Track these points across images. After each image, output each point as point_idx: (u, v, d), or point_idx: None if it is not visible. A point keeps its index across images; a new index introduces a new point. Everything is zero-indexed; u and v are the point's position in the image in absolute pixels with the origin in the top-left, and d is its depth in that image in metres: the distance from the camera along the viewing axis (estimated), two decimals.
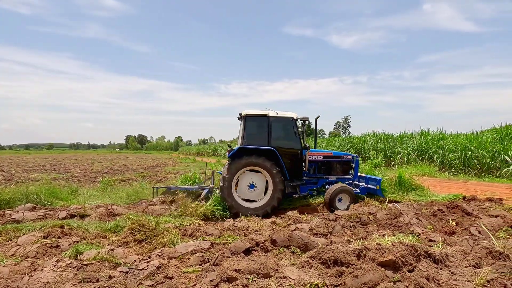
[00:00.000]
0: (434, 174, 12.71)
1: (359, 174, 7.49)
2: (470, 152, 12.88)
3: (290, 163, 6.54)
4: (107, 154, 56.22)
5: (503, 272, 2.60)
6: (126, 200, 7.01)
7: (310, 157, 6.83)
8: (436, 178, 11.63)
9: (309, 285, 2.49)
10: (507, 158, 11.69)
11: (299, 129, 6.75)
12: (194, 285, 2.61)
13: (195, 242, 3.59)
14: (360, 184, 7.17)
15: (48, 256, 3.51)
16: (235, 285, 2.51)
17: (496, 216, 4.45)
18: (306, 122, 6.90)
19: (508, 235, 3.79)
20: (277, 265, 2.91)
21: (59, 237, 4.07)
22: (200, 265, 3.08)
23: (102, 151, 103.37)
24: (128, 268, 2.84)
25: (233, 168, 6.13)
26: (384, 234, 3.72)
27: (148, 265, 2.88)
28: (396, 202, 6.14)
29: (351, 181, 7.23)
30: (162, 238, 3.91)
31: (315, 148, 7.00)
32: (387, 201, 6.24)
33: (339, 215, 4.90)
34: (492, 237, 3.48)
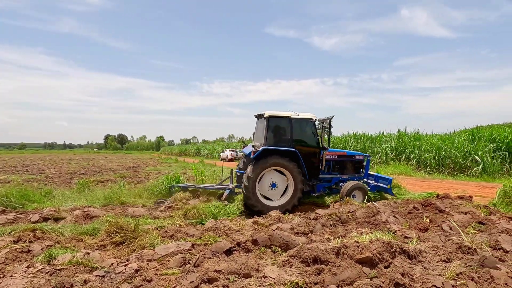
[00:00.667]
0: (410, 173, 13.21)
1: (369, 172, 7.84)
2: (443, 152, 13.51)
3: (309, 162, 6.77)
4: (84, 154, 54.19)
5: (470, 266, 2.74)
6: (104, 202, 6.80)
7: (326, 157, 7.07)
8: (412, 177, 12.10)
9: (289, 283, 2.52)
10: (477, 158, 12.37)
11: (317, 130, 7.01)
12: (174, 287, 2.57)
13: (175, 243, 3.53)
14: (370, 182, 7.48)
15: (18, 261, 3.33)
16: (215, 286, 2.50)
17: (466, 213, 4.68)
18: (326, 123, 7.04)
19: (476, 230, 4.00)
20: (258, 264, 2.92)
21: (30, 242, 3.88)
22: (181, 266, 3.04)
23: (79, 151, 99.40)
24: (104, 271, 2.75)
25: (259, 168, 6.27)
26: (362, 232, 3.83)
27: (126, 268, 2.80)
28: (375, 200, 6.35)
29: (361, 179, 7.48)
30: (141, 240, 3.82)
31: (329, 147, 7.27)
32: (365, 199, 6.42)
33: (319, 214, 4.99)
34: (461, 233, 3.67)
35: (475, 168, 12.07)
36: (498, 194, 5.77)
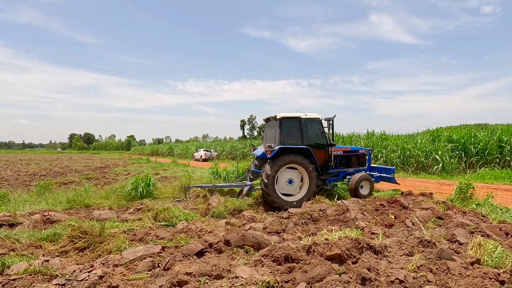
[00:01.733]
0: None
1: (371, 165, 8.63)
2: (407, 152, 14.34)
3: (320, 158, 7.32)
4: (46, 155, 50.69)
5: (430, 258, 2.93)
6: (67, 205, 6.39)
7: (334, 153, 7.74)
8: None
9: (260, 283, 2.52)
10: (437, 157, 13.27)
11: (324, 128, 7.58)
12: None
13: (144, 247, 3.41)
14: (374, 173, 8.19)
15: None
16: None
17: (426, 209, 4.99)
18: (331, 121, 7.57)
19: (435, 225, 4.28)
20: (230, 265, 2.90)
21: None
22: (149, 270, 2.94)
23: (40, 151, 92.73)
24: (65, 279, 2.58)
25: (276, 166, 6.64)
26: (332, 230, 3.94)
27: (89, 275, 2.65)
28: (345, 199, 6.58)
29: (365, 172, 8.06)
30: (107, 245, 3.64)
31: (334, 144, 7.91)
32: (336, 197, 6.63)
33: (292, 213, 5.07)
34: (422, 228, 3.91)
35: (435, 167, 12.95)
36: (454, 191, 6.22)
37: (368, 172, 8.14)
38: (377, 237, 3.70)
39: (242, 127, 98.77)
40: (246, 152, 30.38)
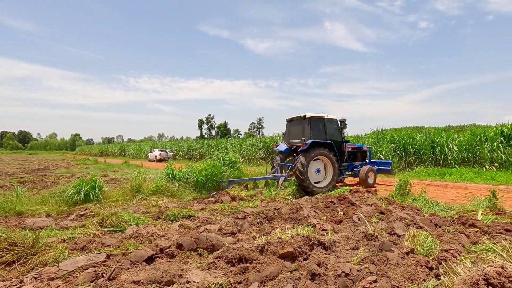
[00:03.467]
0: None
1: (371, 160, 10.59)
2: None
3: (338, 152, 8.78)
4: None
5: (372, 251, 3.16)
6: None
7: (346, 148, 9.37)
8: None
9: (213, 286, 2.48)
10: (381, 156, 14.48)
11: (340, 127, 9.27)
12: None
13: (86, 256, 3.12)
14: (374, 167, 9.76)
15: None
16: None
17: (371, 205, 5.41)
18: (344, 122, 9.22)
19: (378, 219, 4.65)
20: (182, 270, 2.80)
21: None
22: (92, 282, 2.70)
23: None
24: None
25: (309, 157, 7.84)
26: (286, 228, 4.04)
27: None
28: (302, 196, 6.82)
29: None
30: (42, 257, 3.26)
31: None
32: (290, 196, 6.85)
33: (248, 213, 5.09)
34: (367, 222, 4.22)
35: None
36: (395, 188, 6.84)
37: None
38: (326, 233, 3.89)
39: (200, 126, 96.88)
40: (204, 152, 29.83)
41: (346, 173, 9.51)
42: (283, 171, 8.96)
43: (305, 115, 8.55)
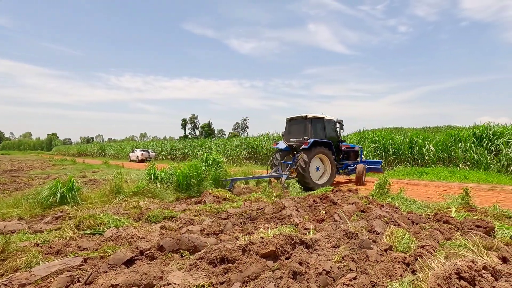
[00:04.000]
0: None
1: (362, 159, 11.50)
2: None
3: (335, 151, 9.37)
4: None
5: (353, 249, 3.23)
6: None
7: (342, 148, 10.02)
8: None
9: (194, 287, 2.45)
10: (363, 156, 14.83)
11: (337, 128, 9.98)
12: None
13: (61, 260, 3.00)
14: (366, 166, 10.47)
15: None
16: None
17: (352, 204, 5.53)
18: (341, 123, 9.91)
19: (359, 218, 4.76)
20: (162, 272, 2.75)
21: None
22: (67, 287, 2.59)
23: None
24: None
25: (311, 155, 8.38)
26: (268, 228, 4.06)
27: None
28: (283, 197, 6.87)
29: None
30: (13, 262, 3.09)
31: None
32: (274, 196, 6.88)
33: (231, 213, 5.07)
34: (348, 221, 4.31)
35: None
36: (375, 187, 7.03)
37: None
38: (309, 232, 3.94)
39: (184, 126, 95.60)
40: (187, 152, 29.45)
41: (340, 171, 10.12)
42: (283, 170, 9.32)
43: (306, 115, 9.08)
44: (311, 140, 8.50)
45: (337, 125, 9.97)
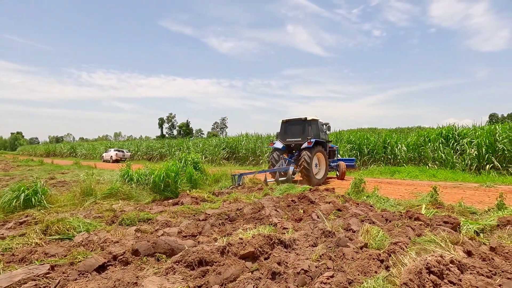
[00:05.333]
0: None
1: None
2: None
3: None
4: None
5: (330, 247, 3.29)
6: None
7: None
8: None
9: None
10: (339, 156, 15.21)
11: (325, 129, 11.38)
12: None
13: (25, 269, 2.80)
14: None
15: None
16: None
17: (329, 203, 5.64)
18: (328, 125, 11.37)
19: (335, 216, 4.87)
20: (137, 277, 2.65)
21: None
22: None
23: None
24: None
25: (313, 153, 9.52)
26: (247, 228, 4.04)
27: None
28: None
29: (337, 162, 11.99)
30: None
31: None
32: (253, 196, 6.88)
33: (209, 214, 5.00)
34: (325, 220, 4.39)
35: None
36: (351, 186, 7.24)
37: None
38: (287, 231, 3.96)
39: (161, 125, 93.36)
40: (165, 152, 28.75)
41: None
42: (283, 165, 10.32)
43: (306, 118, 10.24)
44: (313, 140, 9.58)
45: (325, 127, 11.31)
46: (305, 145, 9.62)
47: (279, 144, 10.54)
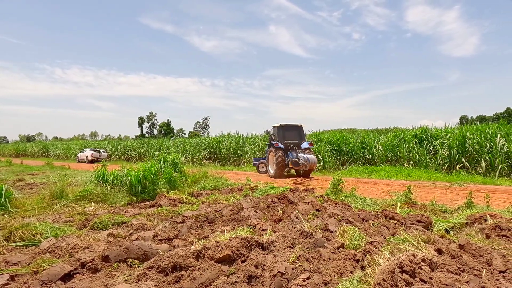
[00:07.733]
0: None
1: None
2: None
3: None
4: None
5: (307, 248, 3.30)
6: None
7: None
8: None
9: None
10: (319, 156, 15.44)
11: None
12: None
13: None
14: None
15: None
16: None
17: (308, 203, 5.68)
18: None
19: (314, 217, 4.90)
20: (106, 285, 2.52)
21: None
22: None
23: None
24: None
25: (309, 152, 12.17)
26: (225, 230, 3.97)
27: None
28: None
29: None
30: None
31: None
32: (232, 198, 6.80)
33: (187, 216, 4.88)
34: (303, 220, 4.40)
35: (318, 165, 15.05)
36: (329, 186, 7.34)
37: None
38: (266, 233, 3.93)
39: (141, 124, 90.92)
40: (144, 152, 28.00)
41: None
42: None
43: (301, 124, 13.48)
44: (310, 141, 13.21)
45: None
46: (306, 145, 12.70)
47: (280, 145, 12.89)
